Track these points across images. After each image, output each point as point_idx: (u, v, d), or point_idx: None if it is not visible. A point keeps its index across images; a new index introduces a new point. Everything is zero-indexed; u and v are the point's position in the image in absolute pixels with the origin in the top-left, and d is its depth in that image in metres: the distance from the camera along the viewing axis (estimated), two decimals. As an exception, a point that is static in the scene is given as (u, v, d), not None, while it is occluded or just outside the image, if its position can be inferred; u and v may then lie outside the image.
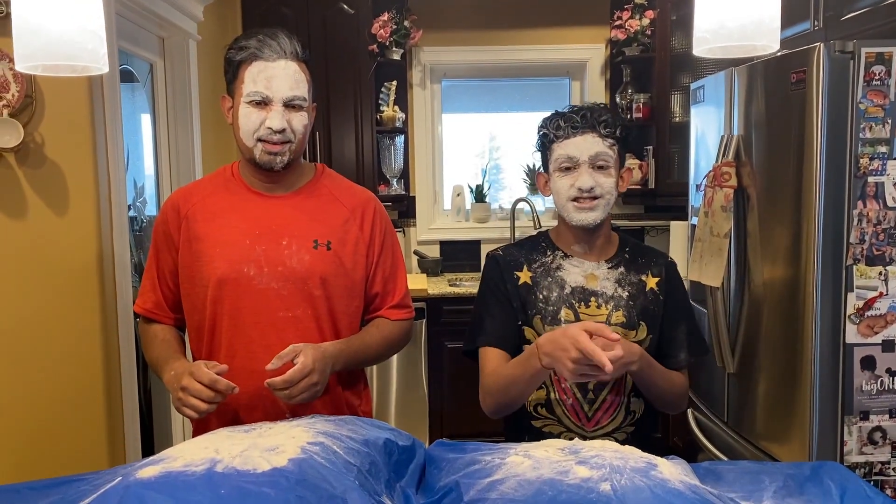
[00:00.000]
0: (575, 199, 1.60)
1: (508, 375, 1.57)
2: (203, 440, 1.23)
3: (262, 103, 1.55)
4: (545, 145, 1.66)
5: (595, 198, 1.59)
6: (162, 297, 1.69)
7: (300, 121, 1.58)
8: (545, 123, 1.66)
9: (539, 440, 1.63)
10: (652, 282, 1.69)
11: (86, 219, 2.11)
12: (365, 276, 1.69)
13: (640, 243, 1.77)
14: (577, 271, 1.67)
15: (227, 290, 1.59)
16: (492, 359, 1.63)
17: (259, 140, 1.57)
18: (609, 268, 1.68)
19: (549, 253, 1.70)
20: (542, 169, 1.71)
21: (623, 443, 1.61)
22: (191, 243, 1.62)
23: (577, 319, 1.62)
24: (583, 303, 1.63)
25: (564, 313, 1.63)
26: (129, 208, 2.49)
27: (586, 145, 1.59)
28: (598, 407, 1.63)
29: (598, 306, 1.64)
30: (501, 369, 1.59)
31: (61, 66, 1.26)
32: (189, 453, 1.14)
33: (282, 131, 1.55)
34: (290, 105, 1.57)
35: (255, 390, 1.54)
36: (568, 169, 1.61)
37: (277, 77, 1.55)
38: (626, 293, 1.65)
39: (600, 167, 1.60)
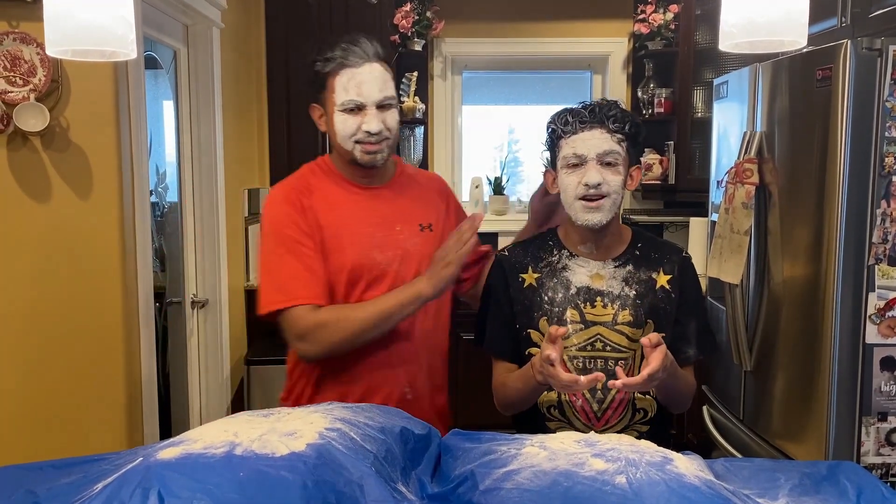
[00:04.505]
0: (583, 198, 1.58)
1: (513, 388, 1.64)
2: (222, 423, 1.25)
3: (357, 109, 1.65)
4: (553, 141, 1.64)
5: (602, 196, 1.56)
6: (323, 282, 1.69)
7: (393, 118, 1.69)
8: (553, 119, 1.64)
9: None
10: (663, 279, 1.65)
11: (109, 203, 2.13)
12: None
13: (654, 238, 1.74)
14: (582, 271, 1.65)
15: (359, 275, 1.69)
16: (497, 369, 1.72)
17: (357, 142, 1.67)
18: (616, 266, 1.65)
19: (555, 252, 1.69)
20: (549, 166, 1.69)
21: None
22: (319, 232, 1.70)
23: (583, 320, 1.61)
24: (588, 303, 1.62)
25: (570, 314, 1.62)
26: (152, 194, 2.51)
27: (594, 141, 1.57)
28: (606, 406, 1.62)
29: (604, 306, 1.62)
30: (507, 381, 1.66)
31: (90, 51, 1.28)
32: (209, 436, 1.16)
33: (378, 132, 1.66)
34: (381, 106, 1.66)
35: (384, 361, 1.71)
36: (575, 166, 1.58)
37: (367, 82, 1.64)
38: (634, 291, 1.63)
39: (608, 164, 1.57)
